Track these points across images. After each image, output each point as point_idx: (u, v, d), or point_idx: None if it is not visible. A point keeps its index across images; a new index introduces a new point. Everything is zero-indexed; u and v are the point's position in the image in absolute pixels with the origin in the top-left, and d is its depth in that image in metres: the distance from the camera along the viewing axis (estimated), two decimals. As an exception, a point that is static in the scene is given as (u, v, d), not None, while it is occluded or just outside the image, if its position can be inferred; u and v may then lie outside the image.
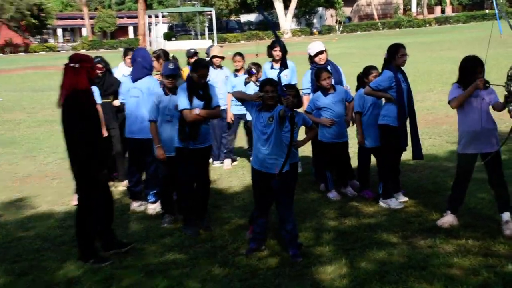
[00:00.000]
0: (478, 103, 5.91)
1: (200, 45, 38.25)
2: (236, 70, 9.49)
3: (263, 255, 5.72)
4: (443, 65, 23.89)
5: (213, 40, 55.63)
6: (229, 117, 9.45)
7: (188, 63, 10.43)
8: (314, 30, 69.33)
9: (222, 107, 9.27)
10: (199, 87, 6.34)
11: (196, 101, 6.31)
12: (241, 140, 10.27)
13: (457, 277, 4.93)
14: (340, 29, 66.03)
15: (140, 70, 7.27)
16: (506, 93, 5.56)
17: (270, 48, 8.86)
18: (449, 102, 6.10)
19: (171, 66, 6.61)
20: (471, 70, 5.91)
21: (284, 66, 5.65)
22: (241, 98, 5.71)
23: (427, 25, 66.13)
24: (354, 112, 7.37)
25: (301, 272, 5.26)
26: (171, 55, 8.08)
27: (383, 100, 7.19)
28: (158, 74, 8.08)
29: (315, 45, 8.03)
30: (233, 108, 9.43)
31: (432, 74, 21.40)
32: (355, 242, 5.90)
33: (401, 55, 7.01)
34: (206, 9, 59.22)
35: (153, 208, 7.35)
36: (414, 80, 19.17)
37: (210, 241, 6.18)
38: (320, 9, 70.80)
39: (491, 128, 5.96)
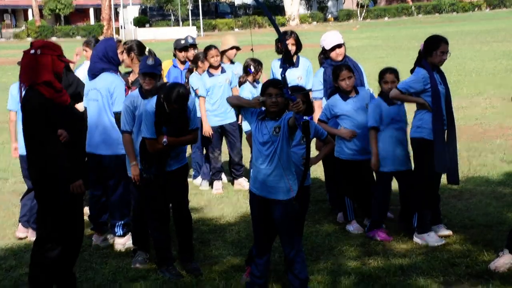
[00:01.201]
0: None
1: (182, 33, 38.40)
2: (212, 68, 9.59)
3: (264, 304, 5.75)
4: (497, 62, 24.06)
5: (198, 28, 55.91)
6: (207, 131, 9.54)
7: (175, 57, 10.52)
8: (329, 16, 69.91)
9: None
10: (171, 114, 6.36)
11: (165, 127, 6.35)
12: (227, 156, 10.31)
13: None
14: (363, 14, 66.63)
15: (98, 64, 7.33)
16: None
17: (280, 41, 8.88)
18: None
19: (150, 61, 6.65)
20: None
21: (288, 63, 5.71)
22: (237, 104, 5.75)
23: (476, 9, 66.71)
24: (369, 128, 7.38)
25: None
26: (147, 48, 8.15)
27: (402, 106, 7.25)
28: (128, 72, 8.14)
29: (332, 36, 8.10)
30: (211, 119, 9.53)
31: (482, 73, 21.53)
32: (383, 289, 5.94)
33: (441, 52, 7.09)
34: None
35: (122, 243, 7.37)
36: (458, 81, 19.36)
37: (196, 286, 6.20)
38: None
39: None
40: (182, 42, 10.42)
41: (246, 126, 9.24)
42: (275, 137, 5.51)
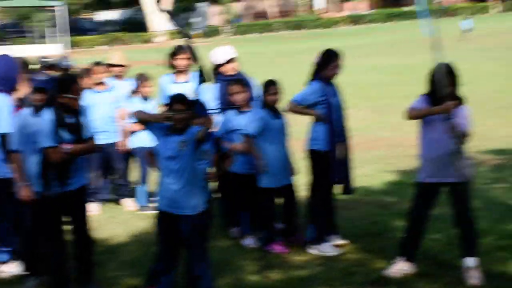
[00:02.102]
0: (446, 123, 6.20)
1: (41, 51, 37.30)
2: (96, 84, 9.45)
3: (169, 324, 5.68)
4: (366, 76, 24.95)
5: (65, 44, 54.62)
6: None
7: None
8: (193, 32, 69.92)
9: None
10: (68, 114, 6.17)
11: (64, 135, 6.16)
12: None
13: None
14: (230, 29, 67.24)
15: None
16: None
17: (173, 55, 8.82)
18: (407, 112, 6.39)
19: (42, 77, 6.47)
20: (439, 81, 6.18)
21: (205, 77, 5.73)
22: (143, 119, 5.69)
23: (337, 24, 68.84)
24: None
25: None
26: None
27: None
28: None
29: (223, 50, 8.14)
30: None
31: (353, 87, 22.14)
32: (287, 301, 6.01)
33: (334, 66, 7.28)
34: (51, 3, 57.73)
35: (8, 270, 7.08)
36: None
37: (95, 309, 6.05)
38: (202, 4, 71.77)
39: (459, 152, 6.26)
40: (46, 60, 10.16)
41: (137, 142, 9.15)
42: (181, 152, 5.50)
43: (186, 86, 8.68)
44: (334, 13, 74.10)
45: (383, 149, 12.57)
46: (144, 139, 9.19)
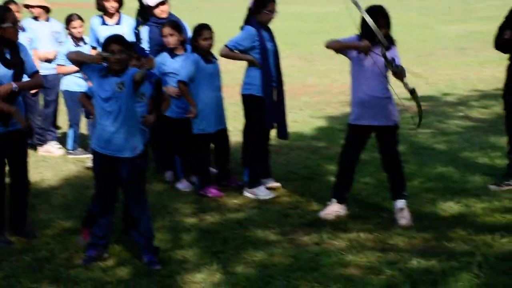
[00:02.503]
0: (373, 67, 6.33)
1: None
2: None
3: (108, 265, 5.69)
4: (289, 23, 24.99)
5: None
6: None
7: None
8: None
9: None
10: (4, 47, 6.01)
11: (2, 69, 5.99)
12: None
13: (356, 278, 5.29)
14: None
15: None
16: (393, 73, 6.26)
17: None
18: (327, 41, 6.54)
19: None
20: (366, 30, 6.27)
21: (144, 19, 5.65)
22: (79, 60, 5.58)
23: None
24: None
25: (164, 284, 5.32)
26: None
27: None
28: None
29: None
30: None
31: (277, 34, 22.19)
32: (225, 242, 6.08)
33: (269, 10, 7.29)
34: None
35: None
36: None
37: (31, 251, 5.99)
38: None
39: (386, 96, 6.42)
40: None
41: (66, 85, 9.00)
42: (118, 94, 5.43)
43: (117, 28, 8.58)
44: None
45: (311, 95, 12.72)
46: (73, 82, 9.06)
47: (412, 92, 6.21)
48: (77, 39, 9.05)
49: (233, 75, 8.16)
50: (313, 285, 5.19)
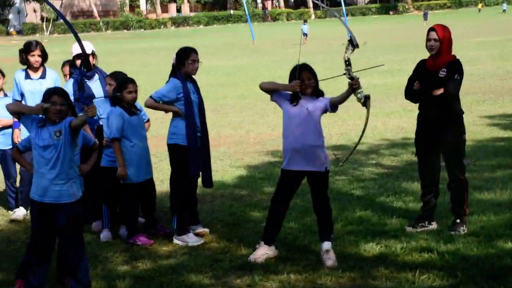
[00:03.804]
0: (301, 115, 6.73)
1: None
2: None
3: (45, 314, 5.79)
4: (200, 76, 25.28)
5: None
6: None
7: None
8: (11, 29, 67.71)
9: None
10: None
11: None
12: None
13: (290, 316, 5.59)
14: (49, 28, 65.57)
15: None
16: (349, 80, 6.57)
17: (26, 51, 8.72)
18: (261, 83, 6.98)
19: None
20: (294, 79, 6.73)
21: (87, 69, 5.90)
22: (17, 111, 5.77)
23: (162, 26, 69.03)
24: (111, 139, 7.56)
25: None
26: None
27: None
28: None
29: (76, 46, 8.21)
30: None
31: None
32: (160, 288, 6.27)
33: (192, 60, 7.63)
34: None
35: None
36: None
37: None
38: (18, 1, 69.52)
39: (318, 144, 6.82)
40: None
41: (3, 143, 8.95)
42: (56, 141, 5.64)
43: (41, 82, 8.72)
44: (159, 14, 74.25)
45: (228, 146, 13.06)
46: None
47: (367, 98, 6.63)
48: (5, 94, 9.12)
49: (152, 127, 8.48)
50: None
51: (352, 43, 6.61)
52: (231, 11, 71.56)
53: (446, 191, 7.95)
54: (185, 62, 7.62)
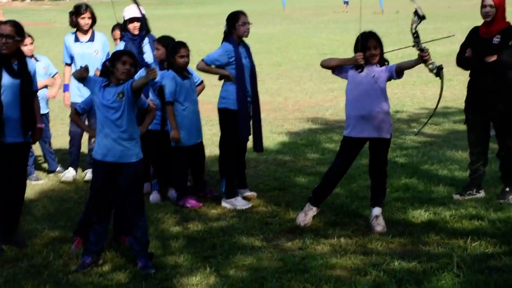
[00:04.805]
0: (368, 82, 6.78)
1: None
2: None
3: (104, 270, 5.96)
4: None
5: None
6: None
7: None
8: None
9: None
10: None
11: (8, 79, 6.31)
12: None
13: (345, 278, 5.69)
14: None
15: None
16: (419, 51, 6.61)
17: (75, 14, 8.84)
18: (322, 60, 7.04)
19: None
20: (362, 47, 6.74)
21: (147, 31, 6.04)
22: (82, 76, 5.93)
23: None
24: (165, 103, 7.67)
25: (162, 286, 5.63)
26: None
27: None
28: None
29: (129, 9, 8.28)
30: None
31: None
32: (213, 248, 6.42)
33: (242, 23, 7.69)
34: None
35: None
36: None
37: (25, 259, 6.21)
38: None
39: (384, 111, 6.86)
40: None
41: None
42: (119, 102, 5.77)
43: (90, 44, 8.86)
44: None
45: (267, 112, 13.12)
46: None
47: (441, 69, 6.68)
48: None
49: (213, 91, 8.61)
50: (304, 286, 5.56)
51: (419, 15, 6.60)
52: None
53: (494, 159, 7.99)
54: (235, 25, 7.68)
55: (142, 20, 6.48)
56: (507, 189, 7.58)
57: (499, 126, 7.62)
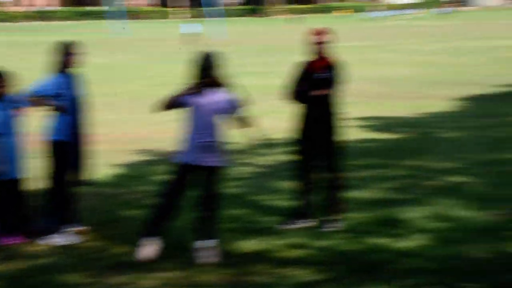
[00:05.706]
0: (201, 110, 6.86)
1: None
2: None
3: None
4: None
5: None
6: None
7: None
8: None
9: None
10: None
11: None
12: None
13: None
14: None
15: None
16: None
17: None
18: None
19: None
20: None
21: None
22: None
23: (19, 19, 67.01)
24: None
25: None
26: None
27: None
28: None
29: None
30: None
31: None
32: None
33: (73, 53, 7.59)
34: None
35: None
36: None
37: None
38: None
39: (212, 140, 6.93)
40: None
41: None
42: None
43: None
44: (18, 7, 72.16)
45: (101, 145, 12.85)
46: None
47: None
48: None
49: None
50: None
51: None
52: (88, 8, 70.49)
53: (321, 188, 8.24)
54: (66, 56, 7.57)
55: None
56: (332, 217, 7.86)
57: (329, 156, 7.89)
